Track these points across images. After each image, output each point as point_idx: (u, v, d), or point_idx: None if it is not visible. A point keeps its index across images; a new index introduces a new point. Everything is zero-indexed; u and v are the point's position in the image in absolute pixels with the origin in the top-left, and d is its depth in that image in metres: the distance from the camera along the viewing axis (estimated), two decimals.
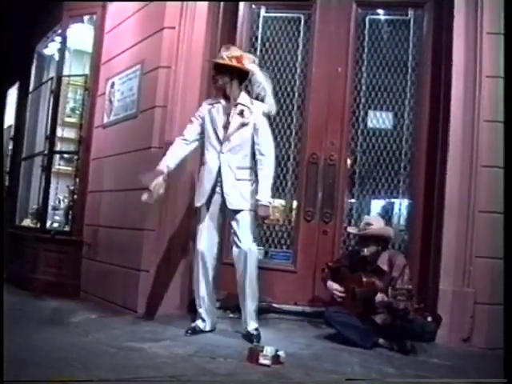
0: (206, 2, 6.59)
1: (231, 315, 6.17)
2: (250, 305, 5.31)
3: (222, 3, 6.85)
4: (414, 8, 6.73)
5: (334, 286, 5.69)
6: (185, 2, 6.53)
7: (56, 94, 8.55)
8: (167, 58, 6.52)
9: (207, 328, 5.52)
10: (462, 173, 5.83)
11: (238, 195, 5.33)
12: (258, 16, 7.09)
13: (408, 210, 6.64)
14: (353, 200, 6.78)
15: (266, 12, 7.08)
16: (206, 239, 5.42)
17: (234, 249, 5.36)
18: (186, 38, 6.51)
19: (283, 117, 6.88)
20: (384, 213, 6.76)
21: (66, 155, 9.04)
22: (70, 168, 8.85)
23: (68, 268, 7.67)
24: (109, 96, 7.56)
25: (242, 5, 7.04)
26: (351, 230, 5.97)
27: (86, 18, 8.51)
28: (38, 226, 8.44)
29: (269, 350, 4.49)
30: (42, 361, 4.13)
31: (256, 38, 7.07)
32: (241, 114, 5.37)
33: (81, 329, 5.50)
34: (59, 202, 8.66)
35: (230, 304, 6.20)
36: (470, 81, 5.88)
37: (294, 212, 6.89)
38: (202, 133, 5.55)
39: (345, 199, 6.70)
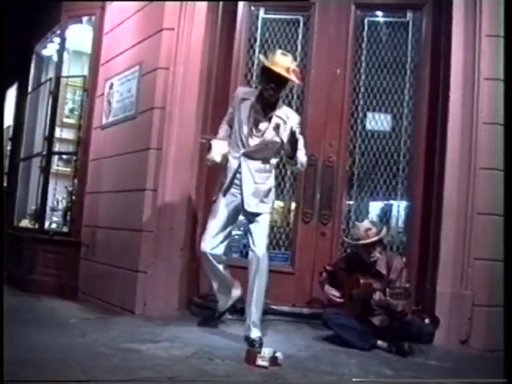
0: (205, 4, 6.59)
1: (229, 317, 6.16)
2: (254, 312, 5.21)
3: (220, 5, 6.85)
4: (413, 10, 6.74)
5: (331, 292, 5.68)
6: (184, 4, 6.53)
7: (55, 95, 8.55)
8: (166, 59, 6.52)
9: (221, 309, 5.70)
10: (461, 175, 5.83)
11: (256, 198, 5.26)
12: (257, 17, 7.10)
13: (406, 212, 6.65)
14: (351, 202, 6.80)
15: (265, 13, 7.09)
16: (211, 240, 5.36)
17: (250, 252, 5.30)
18: (185, 39, 6.51)
19: None
20: (382, 214, 6.77)
21: (64, 156, 9.05)
22: (68, 169, 8.85)
23: (66, 269, 7.67)
24: (107, 97, 7.56)
25: (240, 6, 7.05)
26: (355, 242, 5.75)
27: (84, 18, 8.51)
28: (37, 226, 8.43)
29: (267, 352, 4.49)
30: (40, 361, 4.11)
31: (255, 40, 7.08)
32: (277, 128, 5.18)
33: (78, 330, 5.48)
34: (57, 203, 8.66)
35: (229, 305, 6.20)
36: (469, 83, 5.89)
37: (292, 213, 6.91)
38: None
39: (343, 201, 6.71)
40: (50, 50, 9.65)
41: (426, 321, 5.55)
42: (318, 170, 6.65)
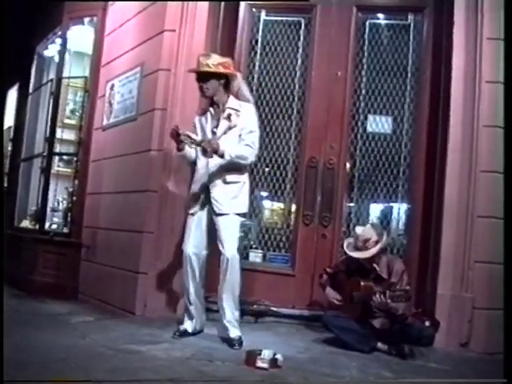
0: (207, 5, 6.60)
1: None
2: (229, 313, 5.25)
3: (222, 6, 6.86)
4: (414, 13, 6.73)
5: (332, 295, 5.66)
6: (185, 5, 6.54)
7: (56, 96, 8.56)
8: (167, 60, 6.53)
9: (197, 328, 5.52)
10: (461, 177, 5.82)
11: (225, 199, 5.30)
12: (259, 19, 7.10)
13: (407, 215, 6.65)
14: (352, 204, 6.79)
15: (267, 15, 7.09)
16: (193, 242, 5.39)
17: (221, 254, 5.29)
18: (187, 40, 6.52)
19: (282, 120, 6.90)
20: (383, 217, 6.77)
21: (65, 157, 9.05)
22: (69, 170, 8.86)
23: (66, 270, 7.67)
24: (108, 98, 7.57)
25: (242, 8, 7.06)
26: (356, 255, 5.55)
27: (86, 20, 8.51)
28: (37, 227, 8.44)
29: (266, 354, 4.48)
30: (40, 362, 4.12)
31: (256, 42, 7.08)
32: (228, 118, 5.34)
33: (79, 331, 5.49)
34: (58, 204, 8.66)
35: None
36: (470, 86, 5.88)
37: (292, 215, 6.90)
38: None
39: (344, 203, 6.70)
40: (51, 50, 9.65)
41: (426, 323, 5.53)
42: (319, 172, 6.65)
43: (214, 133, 5.37)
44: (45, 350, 4.51)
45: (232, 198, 5.33)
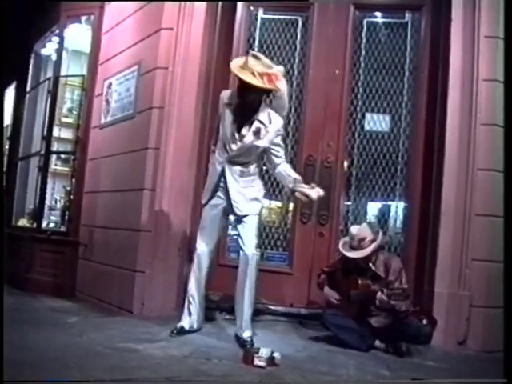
0: (204, 4, 6.59)
1: (227, 316, 6.16)
2: (246, 311, 5.26)
3: (219, 5, 6.85)
4: (412, 11, 6.74)
5: (330, 294, 5.66)
6: (182, 3, 6.53)
7: (53, 94, 8.55)
8: (165, 59, 6.51)
9: (194, 326, 5.51)
10: (459, 176, 5.83)
11: (244, 201, 5.30)
12: (256, 18, 7.10)
13: (404, 213, 6.65)
14: (349, 202, 6.79)
15: (264, 14, 7.09)
16: (206, 241, 5.41)
17: (240, 252, 5.32)
18: (184, 39, 6.50)
19: None
20: (380, 215, 6.77)
21: (62, 155, 9.03)
22: (66, 168, 8.84)
23: (64, 268, 7.66)
24: (106, 97, 7.56)
25: (239, 6, 7.05)
26: (351, 254, 5.55)
27: (83, 18, 8.51)
28: (34, 226, 8.44)
29: (264, 352, 4.49)
30: (37, 361, 4.12)
31: (254, 40, 7.08)
32: (257, 133, 5.18)
33: (76, 329, 5.49)
34: (55, 203, 8.67)
35: (226, 305, 6.20)
36: (467, 84, 5.89)
37: (290, 214, 6.91)
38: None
39: (341, 201, 6.70)
40: (48, 49, 9.65)
41: (424, 321, 5.53)
42: (316, 170, 6.65)
43: (234, 137, 5.22)
44: (42, 349, 4.51)
45: (251, 199, 5.35)
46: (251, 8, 7.10)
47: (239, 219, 5.34)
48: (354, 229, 5.58)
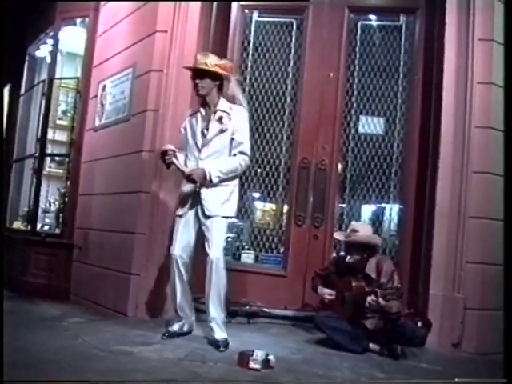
0: (199, 6, 6.59)
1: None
2: (214, 314, 5.23)
3: (214, 7, 6.86)
4: (406, 14, 6.76)
5: (324, 291, 5.70)
6: (177, 5, 6.53)
7: (47, 97, 8.54)
8: (159, 61, 6.51)
9: (186, 329, 5.52)
10: (453, 178, 5.84)
11: (215, 202, 5.29)
12: (251, 20, 7.12)
13: (399, 215, 6.67)
14: (344, 205, 6.80)
15: (259, 16, 7.12)
16: (180, 244, 5.38)
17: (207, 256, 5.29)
18: (179, 41, 6.50)
19: (275, 121, 6.91)
20: (375, 218, 6.79)
21: (57, 158, 9.03)
22: (61, 171, 8.84)
23: (58, 271, 7.65)
24: (100, 99, 7.55)
25: (234, 9, 7.07)
26: (337, 236, 5.90)
27: (78, 20, 8.51)
28: (29, 228, 8.43)
29: (259, 355, 4.49)
30: (32, 363, 4.12)
31: (248, 43, 7.10)
32: (219, 120, 5.33)
33: (71, 332, 5.47)
34: (50, 205, 8.65)
35: None
36: (462, 87, 5.90)
37: (284, 216, 6.91)
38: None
39: (336, 204, 6.72)
40: (43, 51, 9.64)
41: (419, 324, 5.55)
42: (311, 173, 6.67)
43: (204, 134, 5.35)
44: (37, 352, 4.51)
45: (223, 201, 5.32)
46: (246, 11, 7.12)
47: (207, 221, 5.30)
48: (354, 222, 5.69)
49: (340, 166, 6.74)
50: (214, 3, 6.89)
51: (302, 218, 6.66)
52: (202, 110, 5.43)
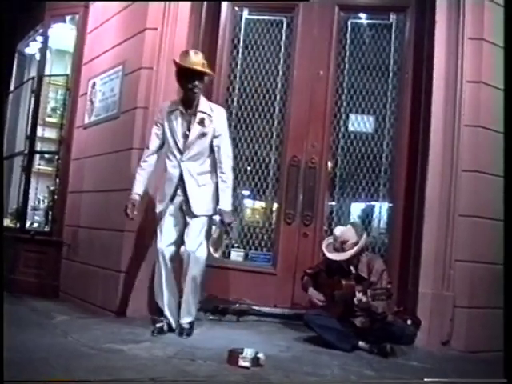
0: (189, 4, 6.58)
1: (211, 317, 6.19)
2: (189, 302, 5.43)
3: (204, 5, 6.85)
4: (396, 12, 6.77)
5: (315, 295, 5.67)
6: (167, 3, 6.51)
7: (37, 94, 8.52)
8: (149, 59, 6.49)
9: (173, 326, 5.54)
10: (443, 177, 5.85)
11: (201, 201, 5.43)
12: (241, 18, 7.11)
13: (388, 214, 6.68)
14: (333, 203, 6.81)
15: (249, 14, 7.11)
16: (166, 239, 5.48)
17: (182, 249, 5.48)
18: (169, 39, 6.49)
19: (264, 119, 6.91)
20: (364, 216, 6.79)
21: (46, 155, 8.99)
22: (50, 168, 8.81)
23: (47, 269, 7.64)
24: (90, 96, 7.54)
25: (224, 7, 7.06)
26: (332, 256, 5.57)
27: (67, 17, 8.48)
28: (18, 226, 8.39)
29: (248, 353, 4.49)
30: (22, 362, 4.10)
31: (238, 41, 7.09)
32: (201, 122, 5.40)
33: (60, 330, 5.46)
34: (39, 203, 8.63)
35: (209, 306, 6.21)
36: (451, 85, 5.92)
37: (274, 214, 6.91)
38: (163, 141, 5.61)
39: (325, 202, 6.73)
40: (32, 48, 9.61)
41: (408, 322, 5.55)
42: (301, 171, 6.67)
43: (186, 136, 5.42)
44: (26, 349, 4.49)
45: (207, 200, 5.46)
46: (236, 8, 7.11)
47: (192, 218, 5.43)
48: (337, 230, 5.59)
49: (330, 164, 6.74)
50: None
51: (291, 215, 6.66)
52: (182, 109, 5.48)
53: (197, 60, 5.35)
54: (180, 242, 5.53)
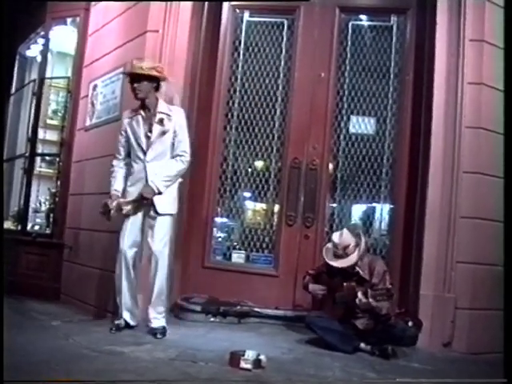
0: (190, 6, 6.57)
1: (212, 319, 6.18)
2: (156, 303, 5.55)
3: (205, 7, 6.84)
4: (397, 14, 6.76)
5: (316, 288, 5.67)
6: (168, 5, 6.51)
7: (38, 96, 8.54)
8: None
9: (131, 323, 5.66)
10: (444, 178, 5.85)
11: (165, 201, 5.54)
12: (242, 20, 7.10)
13: (389, 215, 6.66)
14: (334, 205, 6.80)
15: (250, 16, 7.10)
16: (128, 240, 5.59)
17: (147, 250, 5.59)
18: (170, 41, 6.48)
19: (266, 121, 6.90)
20: (365, 217, 6.78)
21: (47, 158, 9.02)
22: (51, 170, 8.83)
23: (49, 271, 7.66)
24: (91, 99, 7.55)
25: (225, 9, 7.05)
26: (338, 264, 5.52)
27: (69, 20, 8.51)
28: (19, 228, 8.41)
29: (250, 355, 4.48)
30: (23, 364, 4.08)
31: (239, 43, 7.08)
32: (160, 122, 5.54)
33: (61, 332, 5.46)
34: (40, 205, 8.64)
35: (211, 308, 6.20)
36: (452, 87, 5.92)
37: (275, 216, 6.90)
38: (129, 149, 5.74)
39: (326, 204, 6.71)
40: (33, 51, 9.63)
41: (409, 324, 5.54)
42: (302, 172, 6.66)
43: (147, 137, 5.56)
44: (27, 352, 4.48)
45: (171, 200, 5.61)
46: (237, 11, 7.10)
47: (155, 218, 5.54)
48: (335, 237, 5.56)
49: (331, 166, 6.73)
50: (206, 3, 6.87)
51: (292, 217, 6.66)
52: (143, 113, 5.63)
53: (137, 65, 5.55)
54: (141, 242, 5.65)
